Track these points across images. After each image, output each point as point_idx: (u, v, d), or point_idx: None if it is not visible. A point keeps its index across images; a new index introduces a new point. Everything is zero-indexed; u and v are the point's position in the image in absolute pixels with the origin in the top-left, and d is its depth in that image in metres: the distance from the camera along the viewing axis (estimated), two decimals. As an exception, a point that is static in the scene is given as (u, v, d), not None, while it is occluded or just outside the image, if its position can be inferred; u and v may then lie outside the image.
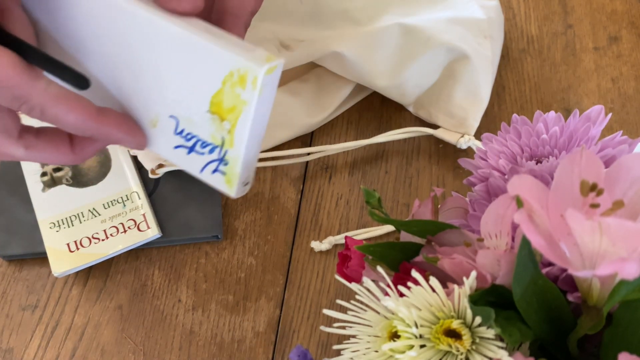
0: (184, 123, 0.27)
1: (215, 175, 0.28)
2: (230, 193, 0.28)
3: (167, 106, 0.27)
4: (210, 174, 0.28)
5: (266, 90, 0.25)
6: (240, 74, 0.24)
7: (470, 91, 0.52)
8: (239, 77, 0.24)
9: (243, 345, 0.45)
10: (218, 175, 0.28)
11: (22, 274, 0.48)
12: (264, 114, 0.26)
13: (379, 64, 0.52)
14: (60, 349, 0.45)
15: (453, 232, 0.32)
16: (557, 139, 0.37)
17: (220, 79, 0.25)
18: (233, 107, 0.25)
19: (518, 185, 0.26)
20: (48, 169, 0.50)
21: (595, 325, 0.27)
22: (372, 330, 0.29)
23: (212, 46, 0.25)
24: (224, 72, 0.25)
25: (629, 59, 0.58)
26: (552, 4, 0.62)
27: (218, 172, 0.27)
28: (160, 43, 0.26)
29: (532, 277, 0.27)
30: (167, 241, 0.49)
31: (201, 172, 0.28)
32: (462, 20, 0.53)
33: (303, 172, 0.53)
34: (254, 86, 0.24)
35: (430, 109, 0.53)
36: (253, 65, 0.24)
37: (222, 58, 0.24)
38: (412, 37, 0.52)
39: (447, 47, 0.51)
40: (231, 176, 0.27)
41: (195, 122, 0.27)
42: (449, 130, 0.52)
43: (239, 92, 0.25)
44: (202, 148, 0.27)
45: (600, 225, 0.23)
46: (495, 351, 0.26)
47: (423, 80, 0.53)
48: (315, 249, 0.48)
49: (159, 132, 0.29)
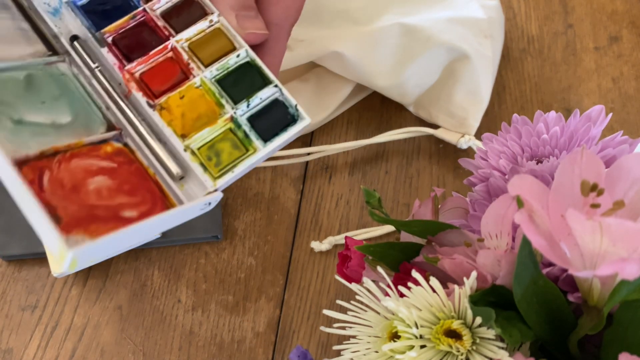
0: None
1: None
2: None
3: None
4: None
5: None
6: None
7: (471, 91, 0.52)
8: None
9: (243, 345, 0.45)
10: None
11: (22, 274, 0.48)
12: None
13: (379, 63, 0.52)
14: (59, 349, 0.45)
15: (453, 232, 0.32)
16: (557, 139, 0.37)
17: None
18: None
19: (518, 186, 0.26)
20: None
21: (595, 325, 0.27)
22: (373, 331, 0.29)
23: None
24: None
25: (630, 58, 0.58)
26: (553, 3, 0.62)
27: None
28: None
29: (533, 277, 0.27)
30: (167, 241, 0.49)
31: None
32: (463, 20, 0.53)
33: (303, 172, 0.53)
34: None
35: (431, 109, 0.53)
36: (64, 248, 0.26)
37: None
38: (412, 36, 0.52)
39: (447, 46, 0.51)
40: None
41: None
42: (449, 130, 0.52)
43: None
44: None
45: (601, 225, 0.23)
46: (496, 351, 0.26)
47: (423, 80, 0.53)
48: (315, 249, 0.48)
49: None
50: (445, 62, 0.52)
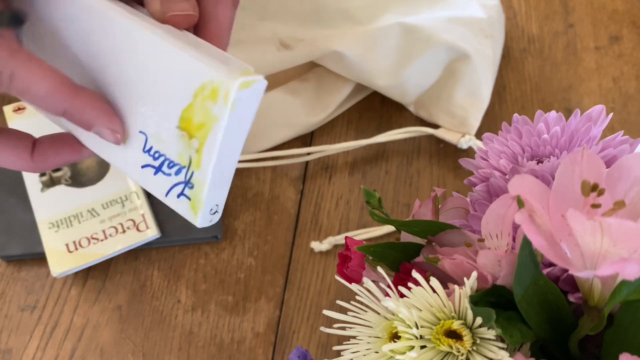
0: (152, 140, 0.25)
1: (180, 200, 0.25)
2: (194, 221, 0.25)
3: (137, 120, 0.25)
4: (175, 199, 0.25)
5: (241, 106, 0.22)
6: (213, 87, 0.22)
7: (471, 91, 0.52)
8: (211, 91, 0.22)
9: (243, 346, 0.45)
10: (183, 200, 0.25)
11: (21, 275, 0.48)
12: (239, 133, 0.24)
13: (379, 63, 0.52)
14: (59, 349, 0.45)
15: (454, 233, 0.32)
16: (558, 138, 0.37)
17: (192, 92, 0.23)
18: (203, 123, 0.23)
19: (519, 186, 0.26)
20: (47, 169, 0.50)
21: (596, 326, 0.27)
22: (373, 331, 0.29)
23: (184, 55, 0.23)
24: (196, 84, 0.22)
25: (630, 58, 0.58)
26: (553, 3, 0.62)
27: (183, 196, 0.25)
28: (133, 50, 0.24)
29: (533, 277, 0.27)
30: (167, 241, 0.48)
31: (166, 195, 0.25)
32: (463, 20, 0.53)
33: (303, 172, 0.53)
34: (225, 101, 0.22)
35: (431, 108, 0.53)
36: (225, 78, 0.22)
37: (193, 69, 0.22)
38: (413, 36, 0.52)
39: (447, 46, 0.51)
40: (196, 202, 0.24)
41: (164, 140, 0.24)
42: (449, 130, 0.52)
43: (210, 106, 0.22)
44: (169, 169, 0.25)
45: (601, 225, 0.23)
46: (496, 352, 0.26)
47: (423, 79, 0.53)
48: (315, 249, 0.48)
49: (127, 148, 0.26)
50: (446, 61, 0.52)
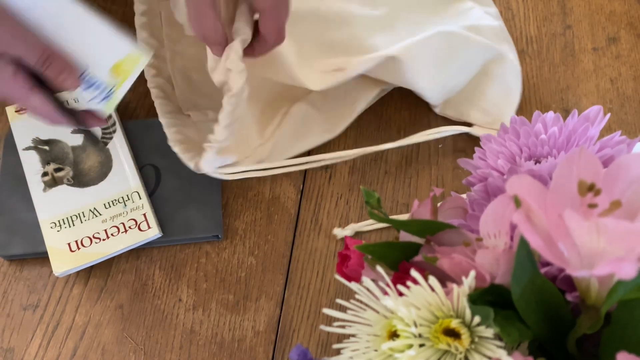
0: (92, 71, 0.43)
1: (101, 103, 0.44)
2: (108, 111, 0.44)
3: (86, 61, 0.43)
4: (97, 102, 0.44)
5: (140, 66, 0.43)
6: (134, 56, 0.42)
7: (505, 89, 0.54)
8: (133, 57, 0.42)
9: (243, 344, 0.45)
10: (103, 102, 0.44)
11: (23, 274, 0.48)
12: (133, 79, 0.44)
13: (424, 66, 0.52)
14: (61, 348, 0.45)
15: (452, 232, 0.32)
16: (555, 139, 0.37)
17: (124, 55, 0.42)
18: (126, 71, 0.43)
19: (516, 185, 0.26)
20: (49, 169, 0.50)
21: (593, 324, 0.27)
22: (372, 330, 0.29)
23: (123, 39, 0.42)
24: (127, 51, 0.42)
25: (628, 59, 0.58)
26: (551, 4, 0.62)
27: (105, 100, 0.44)
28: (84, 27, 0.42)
29: (531, 276, 0.27)
30: (168, 241, 0.49)
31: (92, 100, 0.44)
32: (480, 28, 0.55)
33: (303, 172, 0.53)
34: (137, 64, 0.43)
35: (461, 107, 0.54)
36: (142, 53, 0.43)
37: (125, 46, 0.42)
38: (452, 40, 0.52)
39: (484, 47, 0.53)
40: (112, 103, 0.44)
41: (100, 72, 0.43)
42: (483, 127, 0.53)
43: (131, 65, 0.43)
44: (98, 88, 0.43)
45: (598, 225, 0.23)
46: (494, 350, 0.26)
47: (461, 79, 0.54)
48: (338, 235, 0.49)
49: None
50: (482, 62, 0.54)
